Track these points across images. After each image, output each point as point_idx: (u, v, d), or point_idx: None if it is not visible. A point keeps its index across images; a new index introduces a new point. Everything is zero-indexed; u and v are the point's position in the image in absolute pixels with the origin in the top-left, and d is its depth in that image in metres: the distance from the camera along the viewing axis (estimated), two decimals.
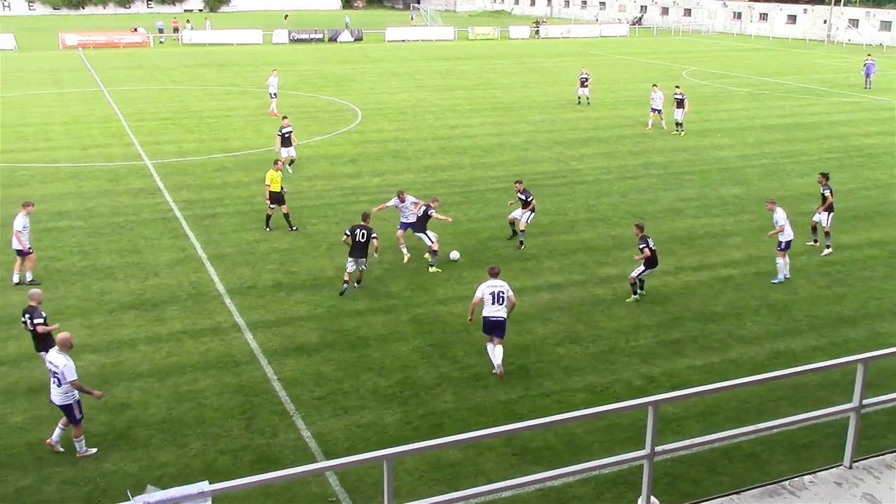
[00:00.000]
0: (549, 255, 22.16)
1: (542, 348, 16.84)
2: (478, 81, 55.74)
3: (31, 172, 30.09)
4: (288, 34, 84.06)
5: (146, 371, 15.77)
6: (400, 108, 44.59)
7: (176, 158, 32.51)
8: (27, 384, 15.16)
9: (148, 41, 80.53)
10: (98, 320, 17.90)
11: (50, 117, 41.32)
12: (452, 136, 37.23)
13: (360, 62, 67.05)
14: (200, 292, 19.48)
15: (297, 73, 58.60)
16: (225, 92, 50.09)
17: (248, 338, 17.18)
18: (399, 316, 18.34)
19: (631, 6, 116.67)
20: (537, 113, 43.42)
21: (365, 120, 41.39)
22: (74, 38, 77.74)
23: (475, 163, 32.39)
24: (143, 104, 45.44)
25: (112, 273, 20.61)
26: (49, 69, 61.03)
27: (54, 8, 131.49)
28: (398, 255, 21.87)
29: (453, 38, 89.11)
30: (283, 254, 22.10)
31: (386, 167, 31.42)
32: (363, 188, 28.49)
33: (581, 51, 77.94)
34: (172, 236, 23.43)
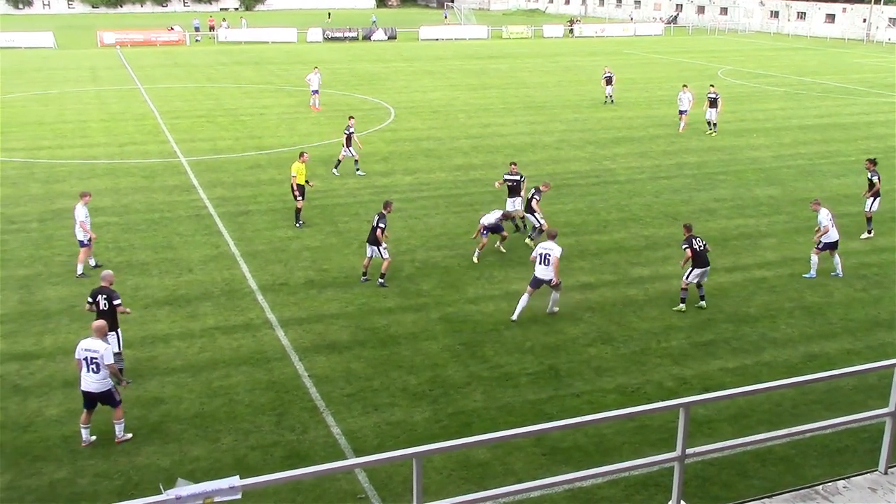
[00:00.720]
0: (581, 255, 22.07)
1: (572, 348, 16.77)
2: (511, 80, 55.64)
3: (68, 169, 30.52)
4: (322, 32, 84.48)
5: (179, 366, 15.93)
6: (433, 107, 44.63)
7: (211, 156, 32.81)
8: (63, 377, 15.37)
9: (184, 39, 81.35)
10: (133, 315, 18.00)
11: (87, 115, 41.90)
12: (485, 135, 37.20)
13: (393, 61, 67.20)
14: (233, 289, 19.65)
15: (330, 72, 58.83)
16: (260, 90, 50.46)
17: (280, 334, 17.29)
18: (429, 314, 18.36)
19: (666, 5, 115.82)
20: (570, 112, 43.25)
21: (398, 118, 41.48)
22: (112, 36, 78.79)
23: (507, 162, 32.25)
24: (179, 102, 45.91)
25: (147, 269, 20.84)
26: (87, 67, 61.89)
27: (93, 6, 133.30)
28: (429, 254, 21.91)
29: (487, 37, 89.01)
30: (314, 251, 22.22)
31: (418, 166, 31.48)
32: (395, 186, 28.56)
33: (615, 50, 77.51)
34: (206, 233, 23.65)
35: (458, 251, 22.27)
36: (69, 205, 25.80)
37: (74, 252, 21.60)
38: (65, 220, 24.52)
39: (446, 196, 27.49)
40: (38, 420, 14.01)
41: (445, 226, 24.44)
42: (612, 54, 73.50)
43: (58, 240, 22.83)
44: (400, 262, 21.31)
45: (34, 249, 22.12)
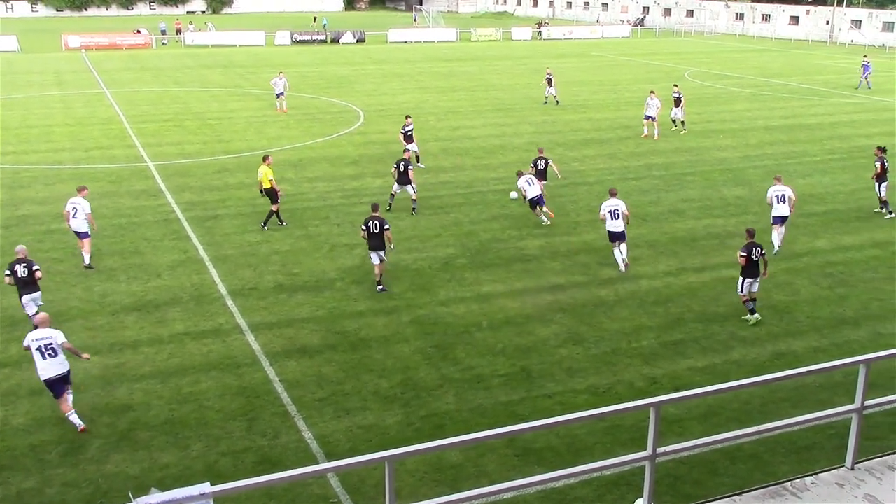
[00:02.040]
0: (552, 256, 22.15)
1: (543, 349, 16.83)
2: (480, 83, 55.75)
3: (33, 174, 30.12)
4: (290, 35, 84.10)
5: (148, 373, 15.77)
6: (402, 110, 44.49)
7: (178, 160, 32.53)
8: (29, 386, 15.15)
9: (150, 43, 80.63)
10: (100, 322, 17.92)
11: (52, 119, 41.39)
12: (454, 138, 37.24)
13: (362, 63, 67.05)
14: (202, 294, 19.49)
15: (299, 75, 58.59)
16: (228, 93, 50.13)
17: (250, 339, 17.18)
18: (400, 317, 18.34)
19: (633, 7, 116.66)
20: (539, 114, 43.41)
21: (367, 121, 41.39)
22: (77, 39, 77.89)
23: (477, 164, 32.40)
24: (146, 106, 45.49)
25: (114, 275, 20.62)
26: (52, 71, 61.13)
27: (57, 10, 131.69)
28: (400, 257, 21.88)
29: (456, 40, 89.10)
30: (284, 255, 22.11)
31: (388, 168, 31.31)
32: (365, 189, 28.49)
33: (583, 52, 77.92)
34: (174, 238, 23.44)
35: (429, 254, 22.27)
36: (34, 210, 25.55)
37: (40, 259, 21.23)
38: (30, 226, 24.25)
39: (417, 199, 27.40)
40: (5, 429, 13.81)
41: (416, 228, 24.43)
42: (579, 56, 73.89)
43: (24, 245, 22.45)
44: (371, 266, 21.24)
45: (0, 257, 21.80)
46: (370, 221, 19.25)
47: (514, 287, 20.07)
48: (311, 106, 45.99)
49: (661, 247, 23.02)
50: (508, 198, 27.19)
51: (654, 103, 37.56)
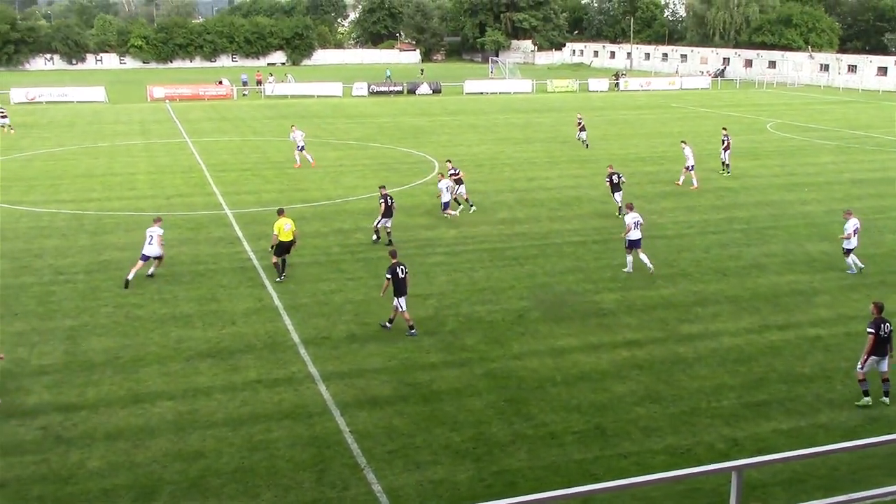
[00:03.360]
0: (628, 311, 21.86)
1: (619, 407, 16.52)
2: (556, 134, 55.90)
3: (116, 220, 31.12)
4: (368, 87, 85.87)
5: (220, 420, 15.97)
6: (477, 161, 44.90)
7: (256, 208, 33.27)
8: (105, 430, 15.49)
9: (232, 94, 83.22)
10: (175, 368, 18.27)
11: (136, 167, 42.88)
12: (530, 189, 37.30)
13: (438, 114, 67.96)
14: (276, 342, 19.74)
15: (375, 126, 59.66)
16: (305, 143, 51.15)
17: (322, 389, 17.29)
18: (473, 370, 18.25)
19: (713, 59, 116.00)
20: (617, 166, 43.08)
21: (442, 172, 41.66)
22: (162, 90, 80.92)
23: (552, 216, 32.33)
24: (226, 155, 46.81)
25: (190, 321, 21.06)
26: (137, 121, 63.54)
27: (143, 62, 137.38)
28: (473, 308, 21.87)
29: (532, 91, 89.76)
30: (357, 305, 22.29)
31: (462, 219, 31.58)
32: (439, 240, 28.65)
33: (661, 103, 77.63)
34: (250, 285, 23.87)
35: (503, 305, 22.19)
36: (116, 256, 26.37)
37: (120, 304, 22.06)
38: (111, 271, 24.99)
39: (490, 250, 27.50)
40: (80, 472, 14.09)
41: (489, 280, 24.41)
42: (658, 108, 73.60)
43: (104, 291, 23.21)
44: (444, 317, 21.29)
45: (80, 301, 22.49)
46: (398, 268, 19.66)
47: (590, 342, 19.83)
48: (386, 156, 46.68)
49: (742, 303, 22.52)
50: (583, 249, 27.04)
51: (689, 152, 37.40)
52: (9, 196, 35.58)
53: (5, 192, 36.34)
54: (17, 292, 23.05)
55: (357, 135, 55.64)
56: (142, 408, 16.38)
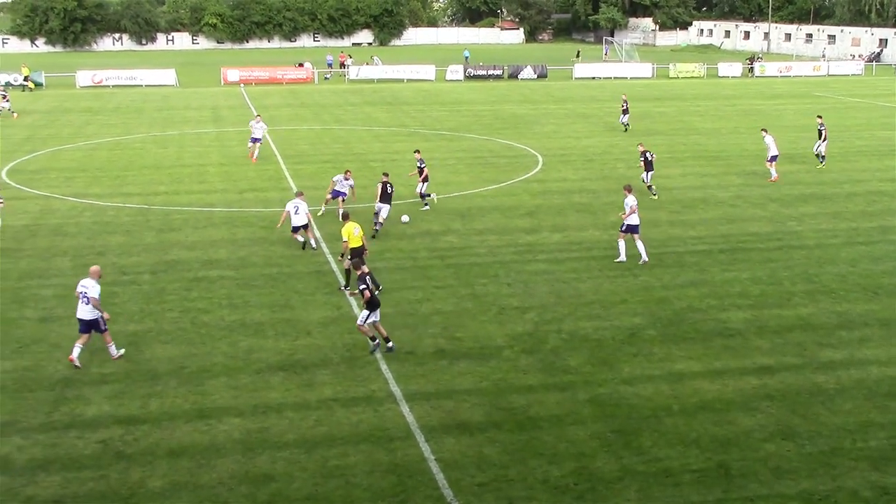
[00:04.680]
0: (759, 333, 21.40)
1: (746, 443, 16.19)
2: (679, 126, 55.14)
3: (184, 216, 32.05)
4: (463, 70, 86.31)
5: (292, 440, 16.27)
6: (587, 155, 44.63)
7: (334, 205, 33.72)
8: (168, 445, 15.97)
9: (312, 77, 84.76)
10: (244, 381, 18.70)
11: (207, 158, 44.12)
12: (647, 189, 36.86)
13: (543, 102, 67.85)
14: (354, 356, 20.01)
15: (471, 114, 59.92)
16: (392, 133, 51.85)
17: (405, 410, 17.44)
18: (576, 395, 18.14)
19: (867, 40, 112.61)
20: (749, 163, 42.37)
21: (546, 167, 41.67)
22: (236, 73, 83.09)
23: (673, 220, 31.90)
24: (304, 145, 47.72)
25: (262, 329, 21.53)
26: (209, 107, 65.37)
27: (218, 42, 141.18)
28: (578, 325, 21.75)
29: (652, 76, 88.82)
30: (446, 316, 22.41)
31: (569, 222, 31.44)
32: (541, 245, 28.59)
33: (804, 91, 75.79)
34: (327, 292, 24.26)
35: (612, 322, 22.01)
36: (183, 256, 27.20)
37: (186, 308, 22.73)
38: (178, 272, 25.77)
39: (600, 258, 27.28)
40: (141, 492, 14.56)
41: (598, 292, 24.24)
42: (799, 97, 71.87)
43: (169, 294, 23.93)
44: (544, 333, 21.24)
45: (145, 303, 23.25)
46: (368, 277, 19.89)
47: (713, 366, 19.48)
48: (483, 149, 46.82)
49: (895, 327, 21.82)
50: (708, 260, 26.61)
51: (770, 140, 38.62)
52: (72, 188, 37.03)
53: (69, 184, 37.84)
54: None
55: (451, 124, 56.01)
56: (207, 424, 16.83)
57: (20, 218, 31.99)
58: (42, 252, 27.73)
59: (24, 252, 27.68)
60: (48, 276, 25.46)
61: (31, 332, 21.24)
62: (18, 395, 18.01)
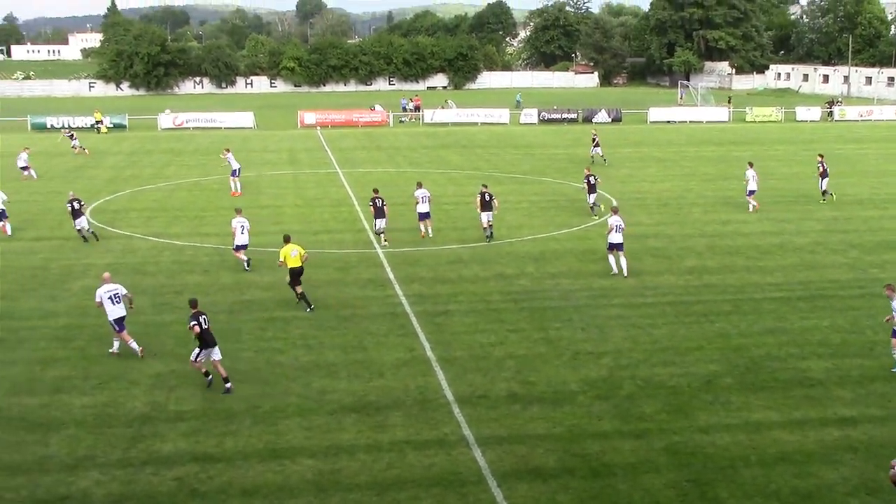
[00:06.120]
0: (840, 382, 20.87)
1: (829, 497, 15.75)
2: (756, 169, 54.37)
3: (260, 257, 32.48)
4: (538, 113, 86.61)
5: (364, 482, 16.29)
6: (662, 199, 44.30)
7: (409, 248, 34.00)
8: (241, 485, 16.10)
9: (387, 120, 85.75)
10: (318, 422, 18.80)
11: (283, 199, 44.81)
12: (723, 234, 36.43)
13: (617, 146, 67.62)
14: (427, 399, 20.00)
15: (545, 157, 60.00)
16: (465, 176, 52.09)
17: (477, 454, 17.35)
18: (651, 443, 17.87)
19: None
20: (828, 209, 41.60)
21: (620, 211, 41.27)
22: (313, 116, 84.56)
23: (750, 266, 31.40)
24: (379, 188, 48.05)
25: (335, 371, 21.66)
26: (286, 149, 66.54)
27: (295, 85, 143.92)
28: (653, 371, 21.47)
29: (728, 120, 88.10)
30: (520, 360, 22.31)
31: (643, 267, 31.15)
32: (615, 290, 28.35)
33: (887, 136, 74.38)
34: (401, 334, 24.35)
35: (688, 369, 21.68)
36: (259, 296, 27.58)
37: (262, 348, 23.02)
38: (254, 312, 26.11)
39: (675, 303, 26.96)
40: None
41: (673, 338, 23.92)
42: (882, 141, 70.58)
43: (245, 334, 24.24)
44: (619, 379, 21.00)
45: (221, 343, 23.37)
46: (199, 317, 20.40)
47: (792, 417, 19.04)
48: (557, 192, 46.77)
49: None
50: (787, 307, 26.14)
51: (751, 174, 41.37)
52: (152, 228, 37.88)
53: (149, 224, 38.72)
54: (157, 331, 24.43)
55: (525, 167, 56.14)
56: (280, 464, 16.94)
57: (103, 256, 32.82)
58: None
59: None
60: (128, 314, 25.95)
61: (111, 369, 21.67)
62: (97, 431, 18.37)
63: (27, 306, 26.70)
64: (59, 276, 30.14)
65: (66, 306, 26.75)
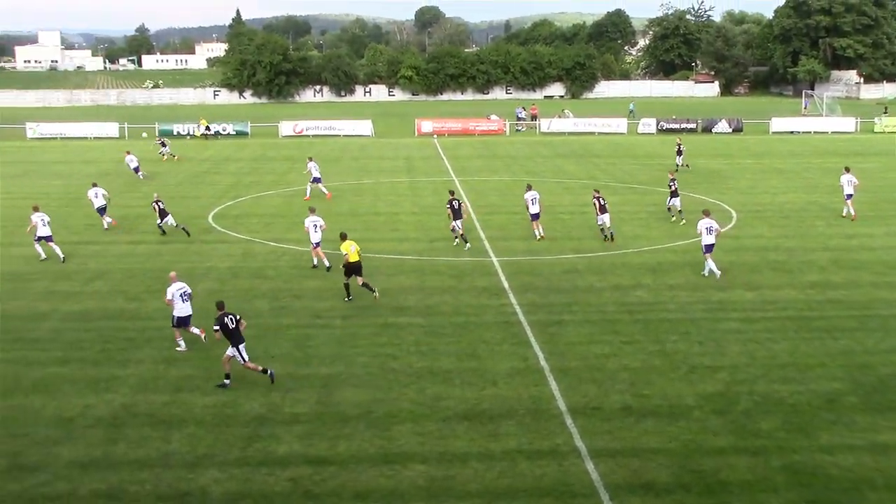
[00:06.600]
0: None
1: None
2: (882, 182, 52.58)
3: (376, 263, 32.91)
4: (656, 123, 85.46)
5: (475, 490, 16.32)
6: (783, 212, 43.19)
7: (524, 257, 33.94)
8: (354, 488, 16.30)
9: (504, 129, 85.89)
10: (430, 428, 18.92)
11: (400, 207, 45.32)
12: (849, 248, 35.29)
13: (738, 156, 66.29)
14: (539, 409, 19.93)
15: (664, 168, 59.01)
16: (582, 186, 51.71)
17: (589, 467, 17.20)
18: (770, 461, 17.41)
19: None
20: None
21: (740, 223, 40.56)
22: (430, 124, 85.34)
23: (877, 281, 30.31)
24: (494, 196, 48.26)
25: (449, 378, 21.77)
26: (403, 157, 67.29)
27: (413, 94, 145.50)
28: (772, 387, 20.91)
29: (855, 131, 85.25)
30: (634, 373, 22.04)
31: (763, 280, 30.41)
32: (733, 303, 27.74)
33: None
34: (514, 343, 24.33)
35: (809, 386, 21.05)
36: (373, 302, 27.84)
37: (376, 354, 23.31)
38: (368, 318, 26.44)
39: (796, 318, 26.23)
40: None
41: (794, 354, 23.26)
42: None
43: (361, 339, 24.58)
44: (736, 394, 20.54)
45: (337, 347, 23.98)
46: (225, 318, 21.04)
47: None
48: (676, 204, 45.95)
49: None
50: None
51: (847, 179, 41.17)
52: (272, 233, 38.79)
53: (268, 229, 39.67)
54: (275, 334, 24.99)
55: (642, 178, 55.46)
56: (392, 469, 17.12)
57: (224, 260, 33.78)
58: (243, 294, 29.10)
59: (227, 293, 29.06)
60: (247, 317, 26.44)
61: (231, 370, 22.21)
62: (216, 430, 18.89)
63: (153, 307, 27.62)
64: (183, 279, 31.05)
65: None
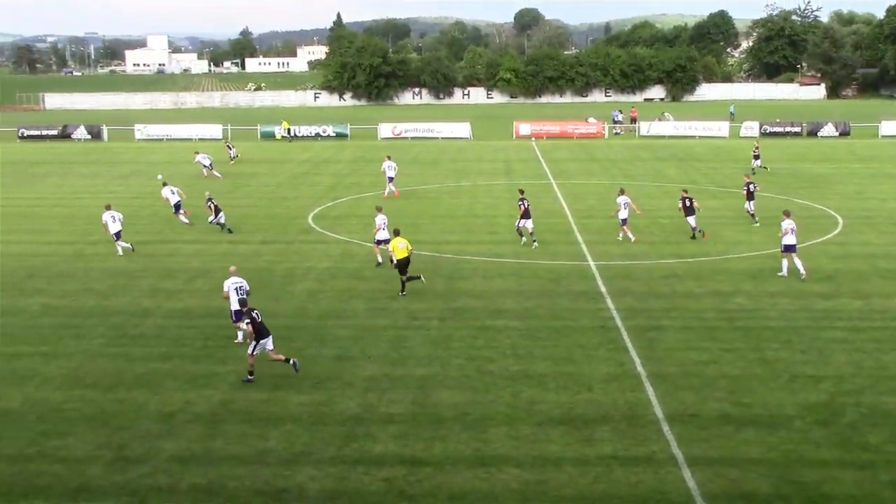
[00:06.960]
0: None
1: None
2: None
3: (473, 266, 33.00)
4: (759, 126, 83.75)
5: (570, 495, 16.21)
6: (894, 218, 41.87)
7: (622, 261, 33.60)
8: (448, 490, 16.35)
9: (602, 132, 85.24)
10: (525, 431, 18.87)
11: (497, 209, 45.32)
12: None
13: (845, 160, 64.53)
14: (636, 415, 19.70)
15: (767, 172, 57.83)
16: (681, 190, 50.86)
17: (686, 475, 16.93)
18: (877, 475, 16.86)
19: None
20: None
21: (847, 229, 39.46)
22: (528, 127, 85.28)
23: None
24: (592, 200, 47.91)
25: (544, 382, 21.68)
26: (501, 159, 67.36)
27: (511, 96, 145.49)
28: (880, 399, 20.26)
29: None
30: (733, 380, 21.61)
31: (871, 288, 29.50)
32: (838, 312, 26.98)
33: None
34: (611, 348, 24.10)
35: None
36: (470, 304, 28.00)
37: (472, 356, 23.37)
38: (465, 319, 26.52)
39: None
40: None
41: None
42: None
43: (456, 341, 24.66)
44: (840, 405, 19.97)
45: (432, 348, 24.10)
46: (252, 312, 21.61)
47: None
48: (778, 208, 44.80)
49: None
50: None
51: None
52: (370, 234, 39.13)
53: (367, 230, 39.98)
54: (372, 335, 25.25)
55: (744, 182, 54.23)
56: (487, 471, 17.12)
57: (322, 261, 34.28)
58: (340, 294, 29.49)
59: (325, 293, 29.56)
60: (345, 317, 27.01)
61: (327, 369, 22.55)
62: (313, 428, 19.16)
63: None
64: (283, 279, 31.67)
65: (287, 307, 28.02)
